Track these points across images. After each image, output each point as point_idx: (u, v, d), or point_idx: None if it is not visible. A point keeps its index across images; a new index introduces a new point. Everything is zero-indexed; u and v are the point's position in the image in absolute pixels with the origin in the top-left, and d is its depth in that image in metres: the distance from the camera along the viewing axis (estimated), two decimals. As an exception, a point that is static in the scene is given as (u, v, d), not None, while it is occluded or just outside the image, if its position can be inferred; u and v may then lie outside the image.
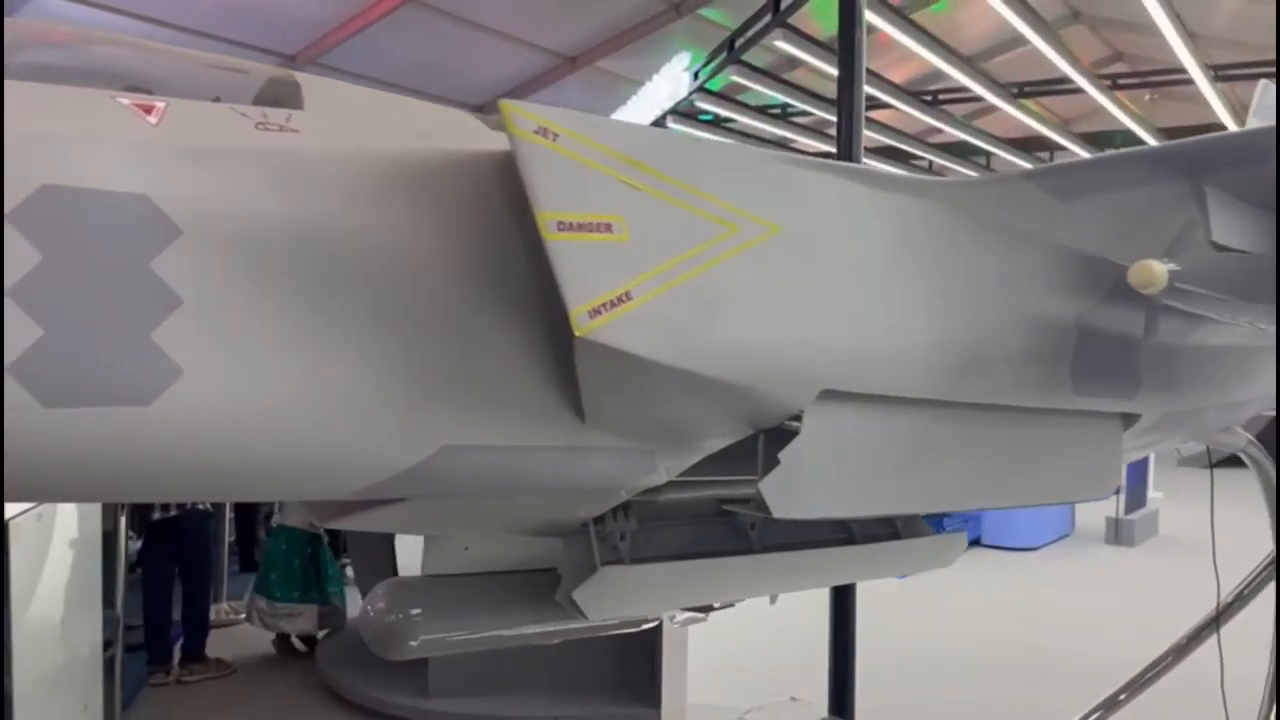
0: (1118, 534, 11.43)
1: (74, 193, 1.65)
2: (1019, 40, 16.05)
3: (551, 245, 1.90)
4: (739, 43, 9.07)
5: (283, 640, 7.46)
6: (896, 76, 13.52)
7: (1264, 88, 4.81)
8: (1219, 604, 4.81)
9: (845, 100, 5.89)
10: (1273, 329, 2.96)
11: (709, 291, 2.10)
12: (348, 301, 1.92)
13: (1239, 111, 13.55)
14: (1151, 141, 14.29)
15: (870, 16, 8.16)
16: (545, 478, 2.29)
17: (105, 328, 1.67)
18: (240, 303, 1.80)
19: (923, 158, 16.85)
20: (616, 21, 17.19)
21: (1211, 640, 5.19)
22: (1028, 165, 16.13)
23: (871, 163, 15.48)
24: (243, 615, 8.01)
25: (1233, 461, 4.95)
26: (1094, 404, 3.03)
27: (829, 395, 2.33)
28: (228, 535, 8.70)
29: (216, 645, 7.31)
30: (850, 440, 2.43)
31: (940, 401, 2.60)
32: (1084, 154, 15.20)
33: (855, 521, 3.25)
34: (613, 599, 2.71)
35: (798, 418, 2.40)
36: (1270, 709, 4.88)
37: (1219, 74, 11.75)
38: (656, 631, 6.10)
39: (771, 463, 2.38)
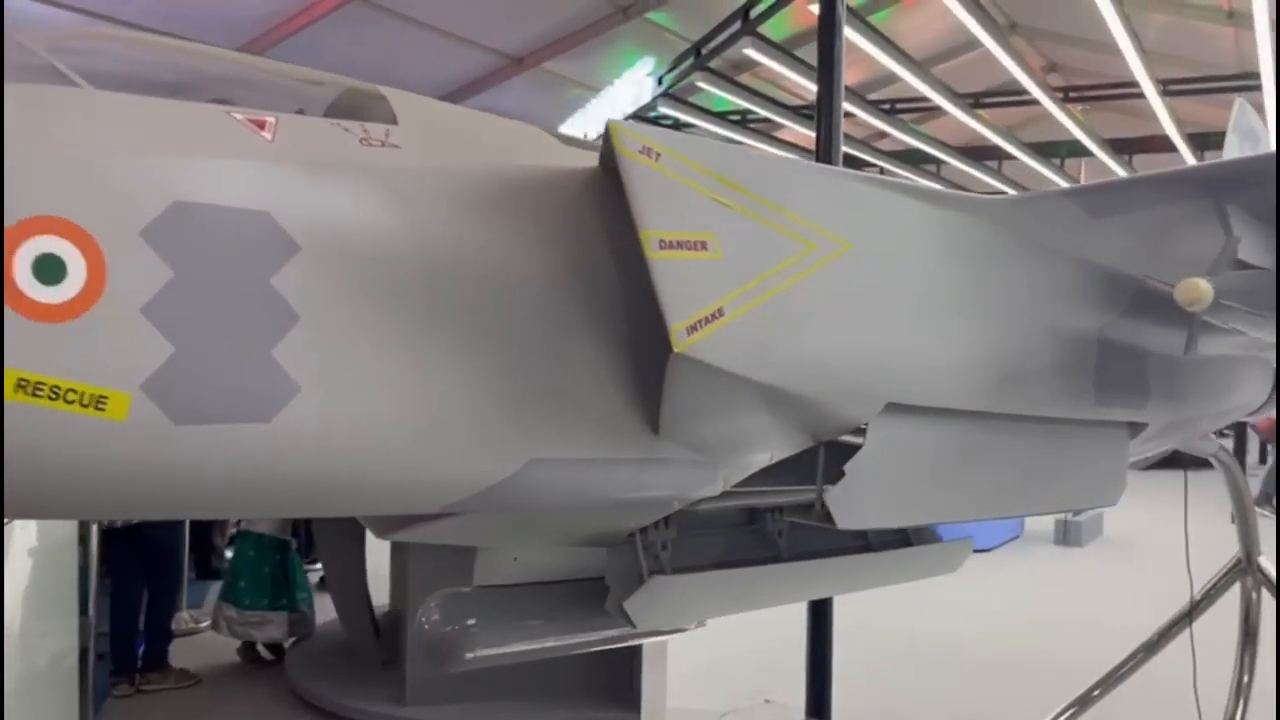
0: (1065, 535, 11.74)
1: (202, 209, 1.65)
2: (963, 48, 16.45)
3: (653, 263, 1.93)
4: (705, 49, 9.13)
5: (248, 649, 7.35)
6: (846, 80, 13.70)
7: (1240, 106, 5.00)
8: (1191, 600, 4.98)
9: (824, 112, 5.98)
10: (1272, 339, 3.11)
11: (790, 308, 2.14)
12: (448, 317, 1.93)
13: (1183, 124, 14.02)
14: (1097, 150, 14.71)
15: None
16: (616, 489, 2.32)
17: (230, 345, 1.66)
18: (350, 319, 1.80)
19: (874, 164, 17.14)
20: (564, 23, 17.16)
21: (1170, 644, 5.39)
22: (977, 172, 16.52)
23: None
24: (204, 624, 7.88)
25: (1165, 464, 5.02)
26: (1111, 414, 3.14)
27: (891, 408, 2.40)
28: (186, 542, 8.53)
29: (179, 655, 7.17)
30: (907, 452, 2.49)
31: (980, 413, 2.68)
32: (1033, 162, 15.60)
33: (873, 530, 3.33)
34: (661, 608, 2.75)
35: (854, 430, 2.48)
36: (1238, 708, 5.06)
37: (1167, 89, 12.15)
38: (636, 636, 6.13)
39: (832, 474, 2.44)
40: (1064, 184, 17.53)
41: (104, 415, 1.53)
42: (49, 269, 1.49)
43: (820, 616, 6.18)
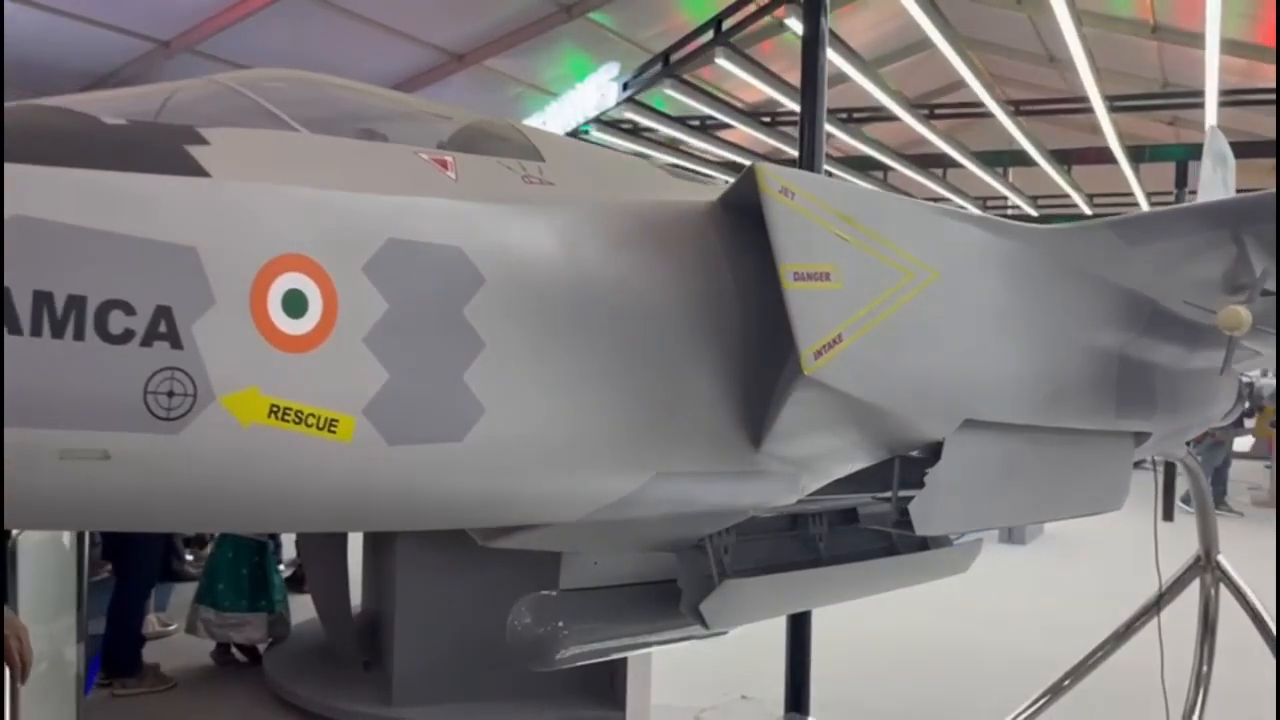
0: (1010, 533, 12.18)
1: (410, 246, 1.77)
2: (907, 51, 16.86)
3: (789, 294, 2.10)
4: (674, 58, 9.30)
5: (222, 651, 7.32)
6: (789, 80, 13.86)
7: (1212, 132, 5.33)
8: (1160, 591, 5.30)
9: (807, 129, 6.17)
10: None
11: (893, 332, 2.33)
12: (597, 343, 2.07)
13: (1125, 138, 14.58)
14: (1042, 161, 15.19)
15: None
16: (718, 500, 2.49)
17: (431, 371, 1.79)
18: (522, 345, 1.94)
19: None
20: (506, 21, 17.17)
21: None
22: (923, 179, 16.92)
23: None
24: (172, 626, 7.82)
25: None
26: (1127, 425, 3.39)
27: (966, 423, 2.60)
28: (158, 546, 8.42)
29: (150, 658, 7.12)
30: (975, 464, 2.69)
31: (1029, 426, 2.90)
32: (979, 172, 16.07)
33: (897, 534, 3.54)
34: (730, 609, 2.91)
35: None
36: (1198, 695, 5.40)
37: (1113, 105, 12.65)
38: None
39: (908, 484, 2.64)
40: (1006, 191, 18.10)
41: (334, 437, 1.65)
42: (295, 303, 1.60)
43: (800, 614, 6.39)
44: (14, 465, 1.44)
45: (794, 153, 15.88)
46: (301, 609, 7.68)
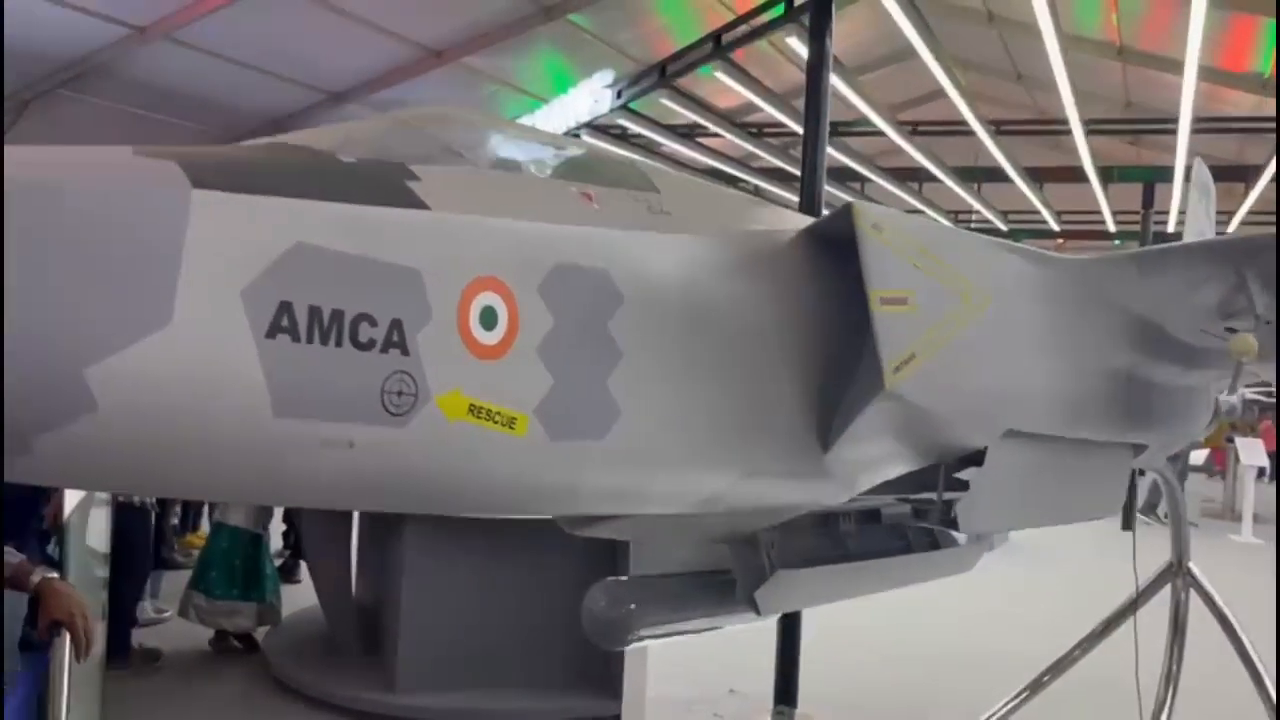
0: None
1: (572, 269, 2.03)
2: (879, 63, 17.23)
3: (876, 316, 2.37)
4: (671, 68, 9.55)
5: (220, 639, 7.46)
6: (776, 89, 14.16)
7: (1198, 164, 5.67)
8: (1137, 590, 5.64)
9: (810, 148, 6.43)
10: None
11: (955, 351, 2.61)
12: (710, 354, 2.34)
13: (1099, 157, 15.03)
14: (1016, 178, 15.60)
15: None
16: (787, 497, 2.76)
17: (583, 377, 2.04)
18: (652, 355, 2.20)
19: (748, 181, 17.71)
20: (486, 20, 17.27)
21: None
22: (901, 192, 17.30)
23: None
24: (167, 613, 7.94)
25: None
26: (1132, 437, 3.70)
27: (1008, 433, 2.88)
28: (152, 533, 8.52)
29: (150, 644, 7.26)
30: (1011, 470, 2.98)
31: (1053, 437, 3.19)
32: (956, 187, 16.48)
33: (912, 533, 3.83)
34: (781, 598, 3.18)
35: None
36: (1168, 693, 5.76)
37: (1091, 127, 13.09)
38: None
39: (952, 486, 2.92)
40: (979, 206, 18.55)
41: (512, 433, 1.91)
42: (488, 318, 1.85)
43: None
44: (287, 452, 1.67)
45: (770, 159, 16.15)
46: (290, 599, 7.85)
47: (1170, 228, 17.64)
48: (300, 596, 8.14)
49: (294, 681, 6.79)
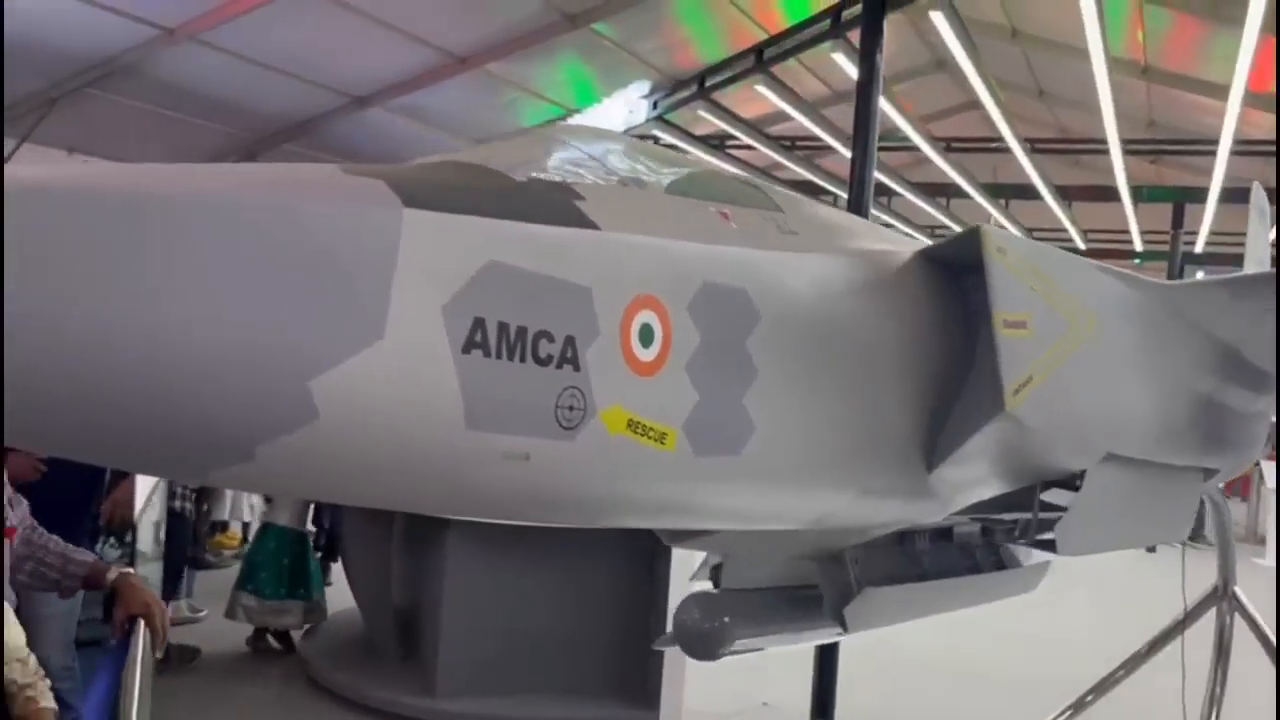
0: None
1: (717, 288, 2.05)
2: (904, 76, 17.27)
3: (1000, 338, 2.39)
4: (710, 80, 9.57)
5: (258, 638, 7.49)
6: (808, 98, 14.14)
7: (1255, 188, 5.69)
8: (1184, 612, 5.65)
9: (858, 169, 6.45)
10: None
11: (1065, 374, 2.62)
12: (835, 373, 2.36)
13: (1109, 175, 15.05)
14: (1048, 196, 15.58)
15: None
16: (889, 515, 2.77)
17: (724, 393, 2.06)
18: (783, 374, 2.21)
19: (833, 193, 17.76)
20: (512, 27, 17.30)
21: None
22: (929, 207, 17.25)
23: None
24: (202, 612, 7.97)
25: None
26: (1208, 461, 3.72)
27: (1106, 457, 2.90)
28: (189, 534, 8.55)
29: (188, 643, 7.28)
30: (1106, 493, 2.99)
31: (1141, 460, 3.21)
32: (984, 203, 16.49)
33: (979, 552, 3.84)
34: (867, 615, 3.19)
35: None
36: (1211, 712, 5.76)
37: (1127, 148, 13.13)
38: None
39: (1048, 508, 2.93)
40: (1009, 225, 18.59)
41: (663, 448, 1.93)
42: (646, 335, 1.87)
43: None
44: (472, 464, 1.70)
45: (795, 169, 16.14)
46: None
47: (1198, 248, 17.66)
48: (334, 598, 8.15)
49: (331, 683, 6.81)
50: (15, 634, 3.03)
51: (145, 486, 5.71)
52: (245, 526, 10.72)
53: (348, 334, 1.50)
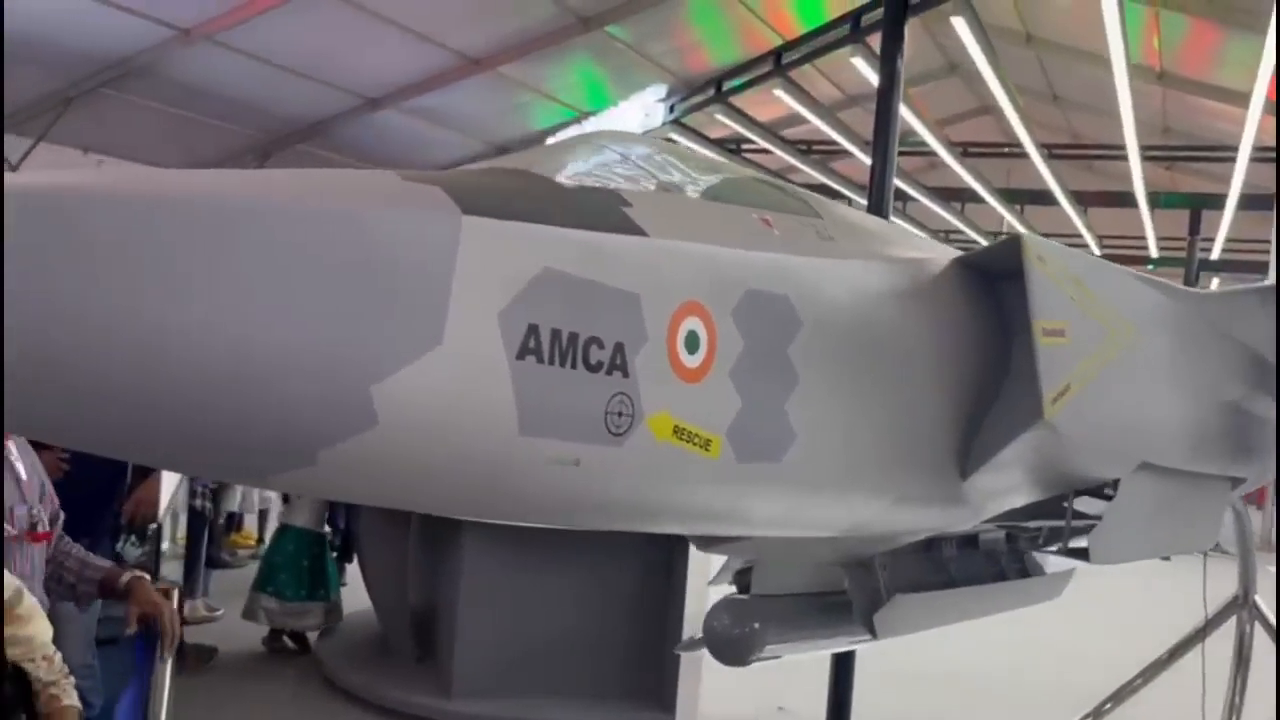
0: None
1: (761, 295, 2.05)
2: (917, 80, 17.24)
3: (1040, 347, 2.38)
4: (726, 85, 9.57)
5: (274, 638, 7.49)
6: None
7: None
8: (1205, 620, 5.63)
9: (878, 176, 6.40)
10: None
11: (1102, 383, 2.61)
12: (874, 380, 2.35)
13: (1124, 181, 14.97)
14: (1064, 201, 15.50)
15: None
16: (922, 522, 2.76)
17: (766, 400, 2.05)
18: (824, 381, 2.21)
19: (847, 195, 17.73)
20: (526, 29, 17.30)
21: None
22: (944, 211, 17.19)
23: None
24: (219, 612, 7.98)
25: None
26: (1237, 470, 3.70)
27: (1140, 466, 2.89)
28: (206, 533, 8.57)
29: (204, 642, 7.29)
30: (1142, 502, 2.98)
31: (1174, 469, 3.20)
32: (999, 207, 16.45)
33: (1004, 559, 3.83)
34: (896, 621, 3.18)
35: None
36: (1230, 721, 5.73)
37: (1145, 154, 13.10)
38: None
39: (1081, 516, 2.92)
40: (1021, 228, 18.56)
41: (707, 454, 1.93)
42: (692, 341, 1.87)
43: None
44: (524, 469, 1.70)
45: (810, 172, 16.13)
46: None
47: (1214, 255, 17.61)
48: (349, 599, 8.15)
49: (346, 684, 6.81)
50: (43, 629, 3.05)
51: (169, 486, 5.71)
52: (262, 517, 10.73)
53: (408, 340, 1.51)
